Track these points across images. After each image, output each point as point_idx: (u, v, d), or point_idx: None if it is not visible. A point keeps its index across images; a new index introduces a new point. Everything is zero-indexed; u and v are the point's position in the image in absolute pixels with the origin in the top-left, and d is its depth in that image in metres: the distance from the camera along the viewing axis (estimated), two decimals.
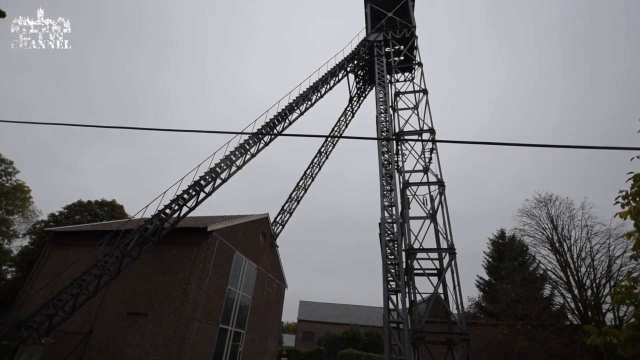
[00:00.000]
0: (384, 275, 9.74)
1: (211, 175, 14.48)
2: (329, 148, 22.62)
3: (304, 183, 22.26)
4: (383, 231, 10.86)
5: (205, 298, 13.08)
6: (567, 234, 17.65)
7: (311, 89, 18.37)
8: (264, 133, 16.33)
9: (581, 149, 3.37)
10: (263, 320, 19.23)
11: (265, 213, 19.83)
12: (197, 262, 13.22)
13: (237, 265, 16.01)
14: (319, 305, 45.30)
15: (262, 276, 19.02)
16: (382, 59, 19.83)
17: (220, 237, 14.46)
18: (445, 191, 13.89)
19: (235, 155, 15.32)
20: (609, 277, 15.49)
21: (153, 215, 13.17)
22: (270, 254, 20.60)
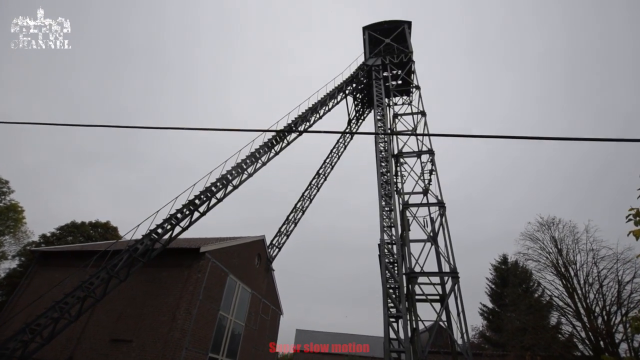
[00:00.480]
0: (384, 300, 9.18)
1: (206, 194, 14.15)
2: (328, 170, 22.45)
3: (301, 205, 21.89)
4: (382, 253, 10.39)
5: (194, 324, 12.33)
6: (572, 258, 17.10)
7: (310, 111, 18.46)
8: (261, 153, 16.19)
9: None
10: (257, 350, 18.17)
11: (261, 235, 19.30)
12: (188, 285, 12.59)
13: (230, 290, 15.31)
14: (317, 334, 43.42)
15: (256, 301, 18.18)
16: (380, 82, 20.13)
17: (213, 258, 13.90)
18: (446, 212, 13.56)
19: (232, 175, 15.06)
20: (620, 304, 14.79)
21: (144, 235, 12.70)
22: (266, 278, 19.85)
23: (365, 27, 24.33)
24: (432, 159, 15.72)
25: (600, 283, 15.47)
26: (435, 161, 15.50)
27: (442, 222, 13.52)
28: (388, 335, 8.55)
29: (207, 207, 14.31)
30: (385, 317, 8.80)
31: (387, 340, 8.49)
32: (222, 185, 14.61)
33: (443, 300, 12.89)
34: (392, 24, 24.01)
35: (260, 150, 16.23)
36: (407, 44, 22.66)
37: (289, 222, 21.45)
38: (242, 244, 16.66)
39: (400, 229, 11.49)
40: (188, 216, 13.73)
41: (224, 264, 14.71)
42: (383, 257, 10.28)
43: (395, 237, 11.17)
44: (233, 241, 15.90)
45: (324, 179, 22.25)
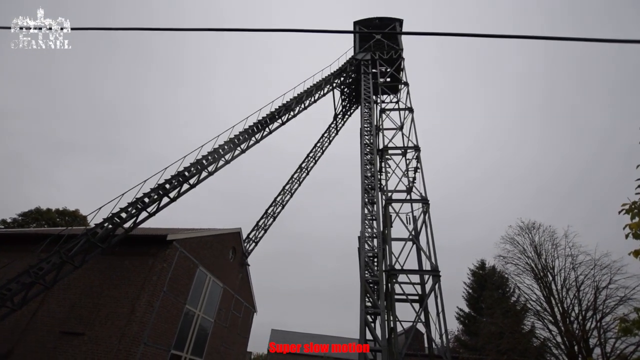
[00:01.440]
0: (361, 295, 8.58)
1: (178, 179, 13.21)
2: (311, 164, 21.80)
3: (281, 199, 21.11)
4: (362, 245, 9.81)
5: (156, 317, 11.36)
6: (551, 263, 17.09)
7: (295, 100, 17.77)
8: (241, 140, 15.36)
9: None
10: (226, 348, 17.22)
11: (237, 228, 18.40)
12: (151, 275, 11.60)
13: (200, 282, 14.37)
14: (292, 334, 42.52)
15: (228, 297, 17.26)
16: (369, 77, 19.67)
17: (182, 248, 12.95)
18: (430, 210, 13.14)
19: (208, 160, 14.17)
20: (595, 310, 14.78)
21: (105, 219, 11.64)
22: (240, 273, 18.94)
23: (356, 21, 23.90)
24: (417, 155, 15.33)
25: (578, 288, 15.46)
26: (420, 158, 15.11)
27: (425, 219, 13.11)
28: (364, 332, 7.94)
29: (178, 192, 13.36)
30: (362, 313, 8.20)
31: (363, 336, 7.88)
32: (196, 170, 13.70)
33: (422, 300, 12.44)
34: (384, 20, 23.72)
35: (240, 137, 15.41)
36: (397, 42, 22.38)
37: (268, 216, 20.63)
38: (215, 235, 15.74)
39: (382, 223, 10.94)
40: (156, 201, 12.76)
41: (193, 255, 13.77)
42: (363, 250, 9.69)
43: (377, 230, 10.62)
44: (205, 232, 14.97)
45: (306, 173, 21.57)
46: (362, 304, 8.38)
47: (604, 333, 14.31)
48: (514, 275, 18.39)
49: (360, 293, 8.61)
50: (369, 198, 11.63)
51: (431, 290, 11.81)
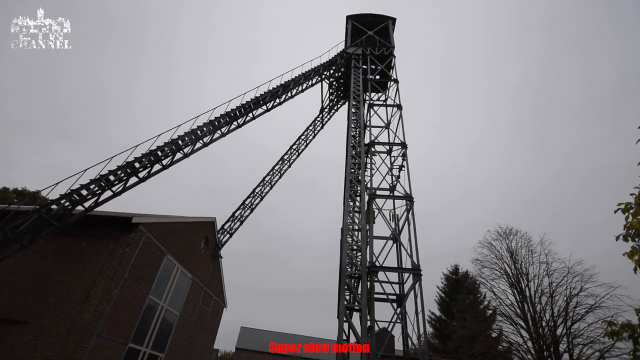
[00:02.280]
0: (340, 288, 8.01)
1: (150, 158, 12.17)
2: (293, 156, 21.11)
3: (260, 190, 20.28)
4: (345, 238, 9.27)
5: (114, 307, 10.30)
6: (526, 269, 17.27)
7: (282, 87, 17.05)
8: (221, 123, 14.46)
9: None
10: (191, 344, 16.18)
11: (211, 217, 17.41)
12: (112, 260, 10.52)
13: (166, 272, 13.33)
14: (263, 333, 41.51)
15: (197, 289, 16.24)
16: (359, 71, 19.25)
17: (149, 233, 11.91)
18: (414, 207, 12.81)
19: (184, 141, 13.19)
20: (566, 316, 15.00)
21: (62, 195, 10.45)
22: (212, 265, 17.94)
23: (349, 16, 23.47)
24: (404, 152, 15.01)
25: (551, 294, 15.65)
26: (407, 155, 14.80)
27: (408, 217, 12.77)
28: (342, 328, 7.37)
29: (149, 173, 12.32)
30: (341, 308, 7.62)
31: (341, 332, 7.30)
32: (170, 150, 12.70)
33: (401, 300, 12.08)
34: (377, 17, 23.44)
35: (221, 119, 14.51)
36: (389, 39, 22.14)
37: (245, 207, 19.74)
38: (187, 222, 14.73)
39: (365, 216, 10.44)
40: (123, 180, 11.67)
41: (161, 242, 12.74)
42: (345, 242, 9.14)
43: (360, 223, 10.11)
44: (176, 218, 13.95)
45: (288, 165, 20.85)
46: (342, 299, 7.81)
47: (573, 339, 14.53)
48: (490, 280, 18.48)
49: (340, 287, 8.03)
50: (353, 191, 11.11)
51: (411, 288, 11.44)
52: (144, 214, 11.90)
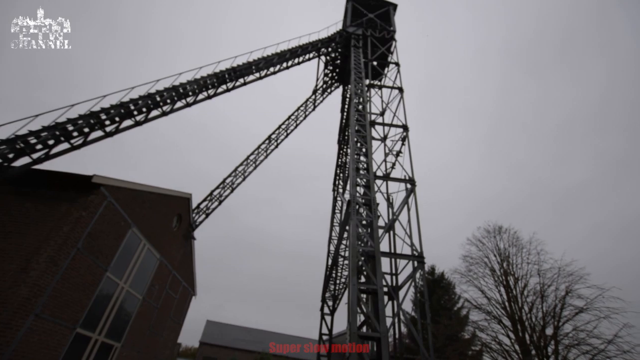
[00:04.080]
0: (351, 269, 6.70)
1: (120, 110, 10.28)
2: (281, 136, 19.58)
3: (243, 169, 18.59)
4: (353, 210, 7.99)
5: (60, 282, 8.38)
6: (513, 269, 16.86)
7: (277, 56, 15.52)
8: (208, 83, 12.73)
9: None
10: (153, 334, 14.26)
11: (187, 193, 15.53)
12: (62, 225, 8.59)
13: (130, 248, 11.43)
14: (229, 327, 39.38)
15: (164, 272, 14.34)
16: (359, 51, 18.07)
17: (113, 198, 10.01)
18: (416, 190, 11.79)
19: (162, 97, 11.38)
20: (554, 318, 14.62)
21: (4, 140, 8.40)
22: (183, 247, 16.04)
23: None
24: (405, 135, 14.00)
25: (542, 295, 15.25)
26: (408, 138, 13.79)
27: (407, 201, 11.74)
28: (355, 315, 6.05)
29: (117, 128, 10.43)
30: (353, 290, 6.30)
31: (355, 319, 5.97)
32: (144, 105, 10.86)
33: (395, 291, 10.98)
34: (378, 1, 22.43)
35: (207, 79, 12.78)
36: (390, 23, 21.20)
37: (225, 186, 17.96)
38: (159, 194, 12.84)
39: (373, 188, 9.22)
40: (85, 132, 9.72)
41: (127, 212, 10.84)
42: (354, 215, 7.86)
43: (371, 195, 8.87)
44: (147, 187, 12.04)
45: (275, 145, 19.30)
46: (354, 278, 6.49)
47: (561, 340, 14.17)
48: (479, 277, 17.93)
49: (350, 267, 6.70)
50: (358, 165, 9.86)
51: (408, 278, 10.43)
52: (108, 176, 9.97)
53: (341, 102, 21.73)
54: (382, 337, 5.82)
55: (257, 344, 35.54)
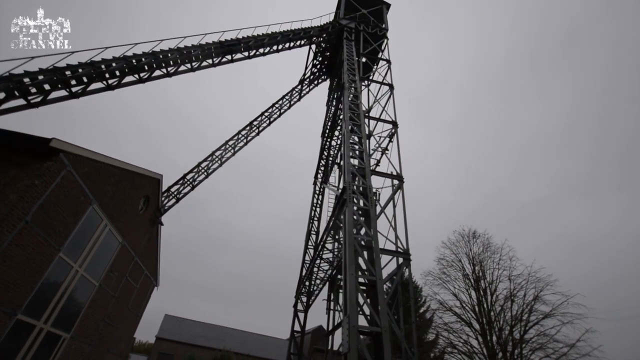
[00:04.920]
0: (348, 256, 6.15)
1: (90, 70, 9.08)
2: (264, 124, 18.72)
3: (221, 154, 17.52)
4: (349, 198, 7.47)
5: (1, 260, 7.14)
6: (486, 273, 17.27)
7: (267, 37, 14.73)
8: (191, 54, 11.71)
9: None
10: (108, 325, 12.91)
11: (158, 174, 14.29)
12: (9, 192, 7.33)
13: (89, 226, 10.17)
14: (188, 323, 37.51)
15: (126, 258, 13.05)
16: (352, 44, 17.68)
17: (73, 168, 8.79)
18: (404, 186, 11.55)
19: (140, 62, 10.26)
20: (520, 322, 15.09)
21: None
22: (149, 232, 14.75)
23: None
24: (395, 131, 13.78)
25: (511, 299, 15.68)
26: (397, 134, 13.56)
27: (393, 197, 11.49)
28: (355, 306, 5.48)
29: (84, 89, 9.21)
30: (351, 280, 5.74)
31: (354, 312, 5.41)
32: (119, 68, 9.70)
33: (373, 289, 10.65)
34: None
35: (192, 50, 11.76)
36: (383, 21, 21.08)
37: (200, 171, 16.81)
38: (126, 170, 11.60)
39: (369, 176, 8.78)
40: (46, 90, 8.46)
41: (89, 185, 9.61)
42: (350, 203, 7.35)
43: (367, 183, 8.41)
44: (114, 161, 10.82)
45: (256, 132, 18.41)
46: (351, 267, 5.95)
47: (525, 345, 14.62)
48: (448, 280, 18.20)
49: (348, 257, 6.13)
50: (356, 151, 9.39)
51: (392, 274, 10.14)
52: (70, 142, 8.74)
53: (328, 96, 21.29)
54: (384, 333, 5.35)
55: (218, 341, 34.12)
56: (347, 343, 5.00)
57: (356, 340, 4.96)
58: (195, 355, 29.47)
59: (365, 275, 6.43)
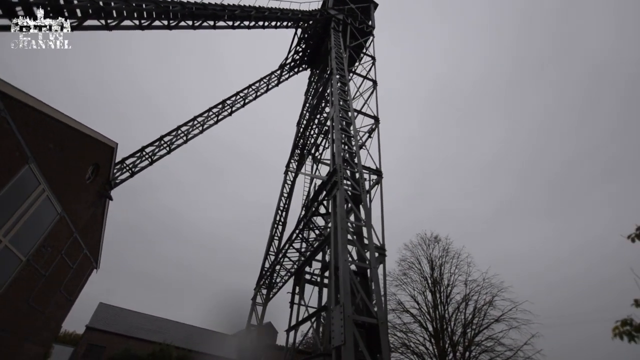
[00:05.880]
0: (341, 241, 5.58)
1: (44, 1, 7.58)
2: (238, 104, 17.58)
3: (187, 130, 16.06)
4: (340, 180, 6.91)
5: None
6: (444, 277, 17.79)
7: (255, 9, 13.76)
8: None
9: None
10: (32, 310, 11.05)
11: (113, 141, 12.65)
12: None
13: (21, 189, 8.54)
14: (125, 313, 34.46)
15: (63, 232, 11.30)
16: (339, 35, 17.28)
17: (9, 115, 7.24)
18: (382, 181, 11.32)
19: (108, 6, 8.85)
20: (472, 325, 15.70)
21: None
22: (94, 206, 12.99)
23: None
24: (376, 127, 13.57)
25: (466, 303, 16.26)
26: (379, 129, 13.38)
27: (369, 192, 11.21)
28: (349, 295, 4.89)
29: (34, 18, 7.68)
30: (345, 267, 5.15)
31: (349, 302, 4.80)
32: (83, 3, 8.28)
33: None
34: None
35: (170, 5, 10.48)
36: (370, 19, 20.99)
37: (162, 145, 15.24)
38: (77, 130, 10.01)
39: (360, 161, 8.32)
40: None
41: (27, 140, 8.03)
42: (342, 185, 6.79)
43: (358, 169, 7.92)
44: (63, 117, 9.23)
45: (229, 111, 17.21)
46: (344, 252, 5.38)
47: (475, 347, 15.22)
48: (407, 282, 18.49)
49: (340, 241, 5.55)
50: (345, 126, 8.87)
51: None
52: (7, 82, 7.18)
53: (307, 85, 20.67)
54: (381, 325, 4.88)
55: (158, 334, 31.68)
56: (342, 335, 4.46)
57: (352, 331, 4.44)
58: (131, 348, 26.98)
59: (356, 263, 5.98)
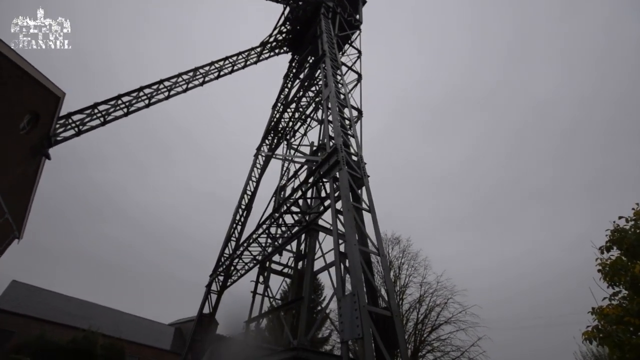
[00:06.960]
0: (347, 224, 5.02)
1: None
2: (212, 75, 16.18)
3: (151, 94, 14.33)
4: (343, 160, 6.37)
5: None
6: (400, 278, 18.16)
7: None
8: None
9: None
10: None
11: (61, 90, 10.72)
12: None
13: None
14: (44, 293, 30.30)
15: None
16: (329, 21, 16.78)
17: None
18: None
19: None
20: (424, 324, 16.21)
21: None
22: (26, 164, 10.92)
23: None
24: (358, 119, 13.32)
25: (420, 305, 16.74)
26: (362, 123, 13.13)
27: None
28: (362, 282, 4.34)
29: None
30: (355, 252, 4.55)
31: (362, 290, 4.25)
32: None
33: None
34: None
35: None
36: (358, 13, 20.80)
37: (118, 105, 13.34)
38: (16, 66, 8.21)
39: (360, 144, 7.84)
40: None
41: None
42: (344, 165, 6.24)
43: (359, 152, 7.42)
44: (5, 48, 7.47)
45: (200, 82, 15.75)
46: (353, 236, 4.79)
47: (424, 346, 15.74)
48: None
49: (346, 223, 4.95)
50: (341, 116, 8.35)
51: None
52: None
53: (287, 69, 19.82)
54: (395, 317, 4.44)
55: (82, 320, 28.29)
56: (358, 327, 3.93)
57: (370, 324, 3.94)
58: (47, 333, 23.71)
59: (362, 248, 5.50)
